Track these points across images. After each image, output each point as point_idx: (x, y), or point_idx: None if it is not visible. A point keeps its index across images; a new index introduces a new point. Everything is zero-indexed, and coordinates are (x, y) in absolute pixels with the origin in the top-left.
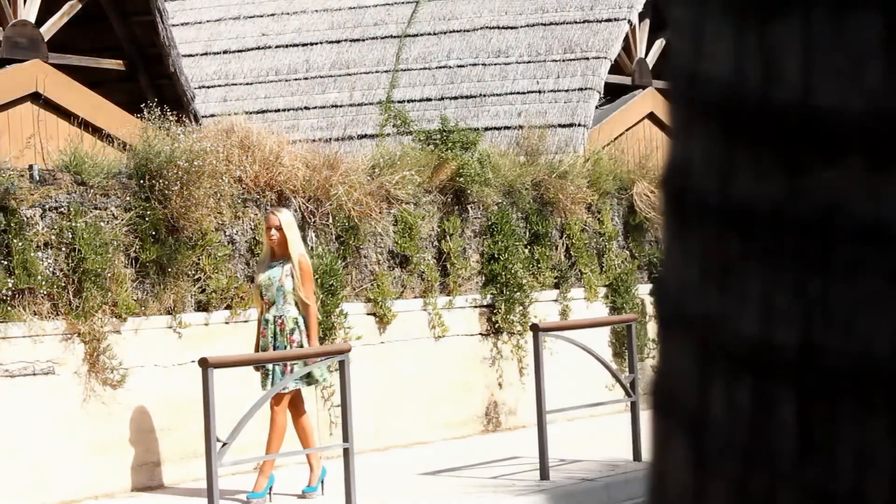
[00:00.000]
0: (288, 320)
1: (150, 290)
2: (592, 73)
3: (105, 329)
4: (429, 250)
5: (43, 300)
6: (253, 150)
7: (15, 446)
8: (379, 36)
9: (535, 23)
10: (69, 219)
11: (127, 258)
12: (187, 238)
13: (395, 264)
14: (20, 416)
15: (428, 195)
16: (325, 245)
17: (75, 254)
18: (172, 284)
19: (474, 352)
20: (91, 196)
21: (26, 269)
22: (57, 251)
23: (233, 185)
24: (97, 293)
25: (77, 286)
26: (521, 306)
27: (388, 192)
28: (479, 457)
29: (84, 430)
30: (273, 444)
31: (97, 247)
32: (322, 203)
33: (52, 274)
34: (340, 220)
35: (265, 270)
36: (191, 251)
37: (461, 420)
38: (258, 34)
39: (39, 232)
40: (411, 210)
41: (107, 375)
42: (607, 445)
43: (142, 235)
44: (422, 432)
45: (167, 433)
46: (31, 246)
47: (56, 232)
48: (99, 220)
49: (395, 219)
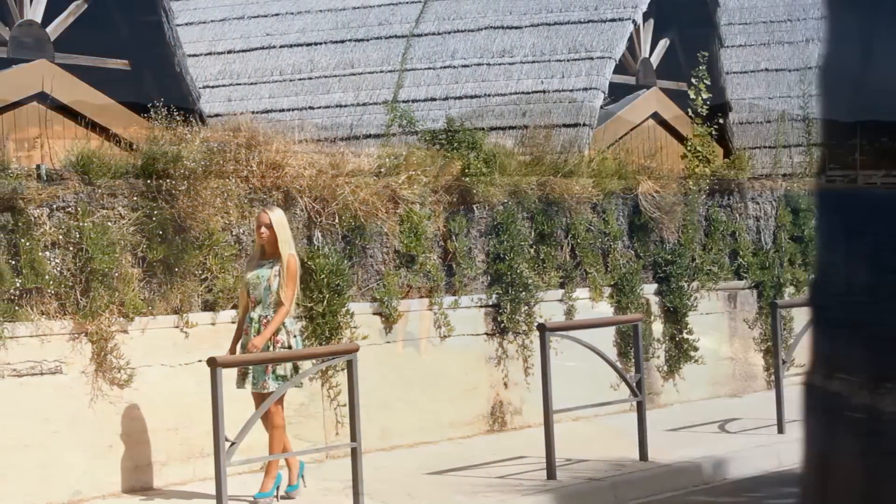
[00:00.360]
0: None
1: (157, 290)
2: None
3: (112, 328)
4: (434, 250)
5: (50, 300)
6: (259, 150)
7: (22, 445)
8: (384, 36)
9: (540, 23)
10: (76, 218)
11: (134, 258)
12: (194, 238)
13: (401, 264)
14: (27, 415)
15: (434, 195)
16: (332, 245)
17: (83, 253)
18: (179, 284)
19: (480, 351)
20: (98, 196)
21: (34, 269)
22: (64, 251)
23: (239, 185)
24: (104, 293)
25: (84, 286)
26: (526, 306)
27: (393, 191)
28: (485, 456)
29: (91, 430)
30: (275, 443)
31: (104, 246)
32: (328, 203)
33: (60, 273)
34: (346, 220)
35: (254, 269)
36: (198, 251)
37: (467, 420)
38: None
39: (47, 232)
40: (417, 210)
41: (114, 375)
42: (613, 445)
43: (149, 235)
44: (427, 432)
45: (174, 432)
46: (39, 245)
47: (63, 232)
48: (106, 220)
49: (400, 218)
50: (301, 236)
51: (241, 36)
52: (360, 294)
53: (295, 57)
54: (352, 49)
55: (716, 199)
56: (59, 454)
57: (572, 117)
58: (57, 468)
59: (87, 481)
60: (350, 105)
